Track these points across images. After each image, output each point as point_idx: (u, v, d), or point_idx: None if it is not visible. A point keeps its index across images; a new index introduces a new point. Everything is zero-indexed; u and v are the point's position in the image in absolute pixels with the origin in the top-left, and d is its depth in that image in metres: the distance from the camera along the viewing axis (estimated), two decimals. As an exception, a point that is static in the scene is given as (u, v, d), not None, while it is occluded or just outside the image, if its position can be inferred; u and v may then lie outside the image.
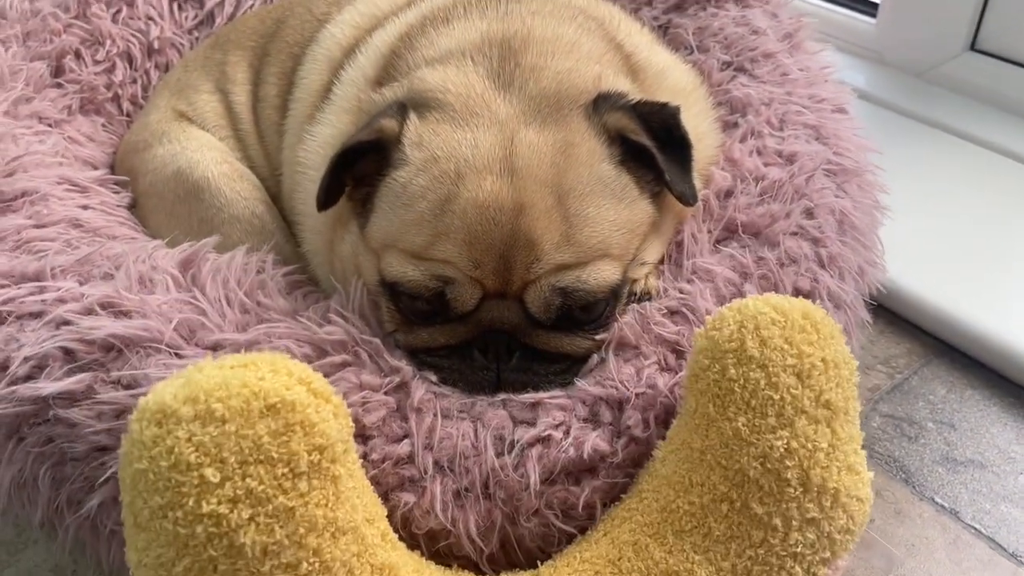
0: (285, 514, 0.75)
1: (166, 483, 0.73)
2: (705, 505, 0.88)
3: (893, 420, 1.41)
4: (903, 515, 1.27)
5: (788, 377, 0.86)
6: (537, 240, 0.94)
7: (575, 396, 0.99)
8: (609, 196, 0.98)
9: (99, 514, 0.96)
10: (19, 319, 1.00)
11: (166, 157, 1.30)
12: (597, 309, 1.00)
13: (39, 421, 0.96)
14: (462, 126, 0.98)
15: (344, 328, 1.00)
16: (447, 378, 1.00)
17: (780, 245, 1.10)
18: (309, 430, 0.76)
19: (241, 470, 0.74)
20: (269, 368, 0.77)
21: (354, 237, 1.06)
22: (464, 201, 0.93)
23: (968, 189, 1.80)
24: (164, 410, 0.74)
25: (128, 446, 0.75)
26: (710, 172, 1.19)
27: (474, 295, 0.96)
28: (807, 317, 0.88)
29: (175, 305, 1.01)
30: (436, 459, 0.94)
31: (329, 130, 1.14)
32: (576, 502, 0.95)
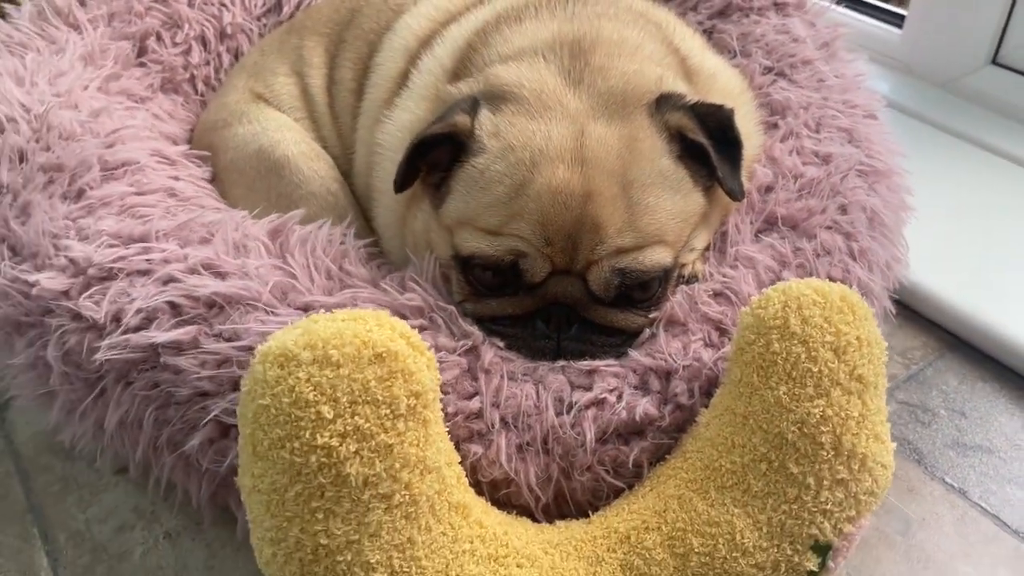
0: (385, 450, 0.86)
1: (286, 417, 0.84)
2: (746, 464, 0.98)
3: (908, 407, 1.52)
4: (915, 492, 1.37)
5: (826, 352, 0.96)
6: (602, 225, 1.04)
7: (627, 365, 1.09)
8: (667, 188, 1.09)
9: (197, 454, 1.07)
10: (129, 276, 1.10)
11: (247, 136, 1.40)
12: (651, 288, 1.10)
13: (147, 367, 1.07)
14: (536, 118, 1.08)
15: (421, 295, 1.11)
16: (512, 344, 1.10)
17: (816, 237, 1.20)
18: (408, 377, 0.87)
19: (351, 409, 0.85)
20: (376, 322, 0.88)
21: (427, 215, 1.16)
22: (539, 186, 1.04)
23: (985, 196, 1.90)
24: (286, 354, 0.85)
25: (251, 384, 0.86)
26: (753, 168, 1.29)
27: (544, 268, 1.06)
28: (845, 299, 0.99)
29: (269, 269, 1.11)
30: (502, 416, 1.05)
31: (408, 115, 1.24)
32: (626, 460, 1.06)
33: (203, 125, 1.53)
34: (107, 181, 1.22)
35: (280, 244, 1.17)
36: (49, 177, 1.21)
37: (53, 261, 1.12)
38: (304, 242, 1.17)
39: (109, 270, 1.10)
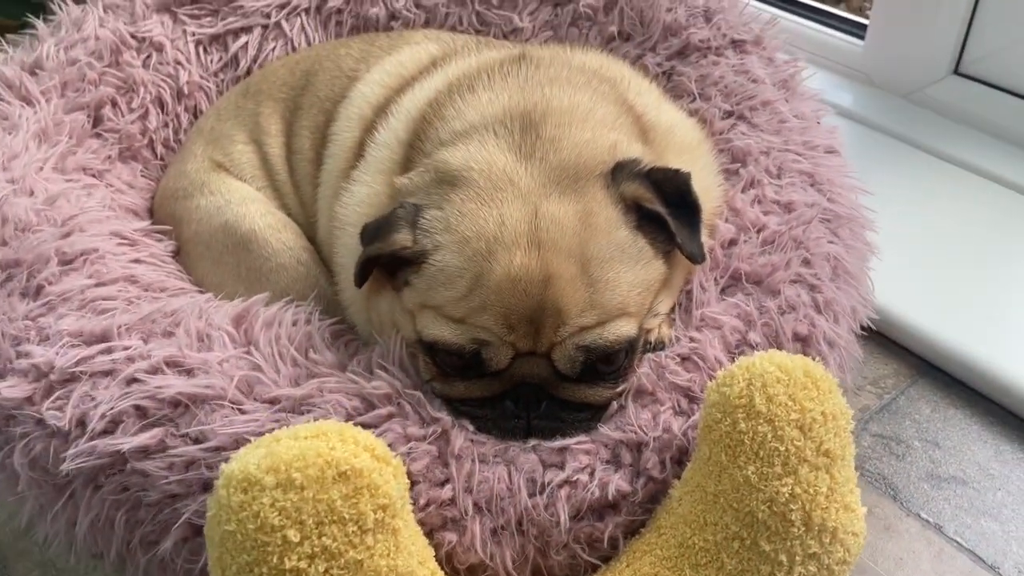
0: (355, 566, 0.86)
1: (252, 543, 0.84)
2: (718, 542, 0.99)
3: (882, 439, 1.53)
4: (892, 530, 1.39)
5: (792, 430, 0.97)
6: (563, 307, 1.04)
7: (598, 440, 1.09)
8: (626, 260, 1.09)
9: (171, 554, 1.06)
10: (92, 377, 1.10)
11: (211, 209, 1.39)
12: (616, 361, 1.10)
13: (115, 471, 1.06)
14: (487, 203, 1.07)
15: (389, 382, 1.11)
16: (482, 426, 1.10)
17: (780, 293, 1.21)
18: (374, 492, 0.87)
19: (317, 530, 0.85)
20: (338, 438, 0.88)
21: (390, 297, 1.16)
22: (497, 276, 1.04)
23: (950, 209, 1.91)
24: (249, 479, 0.85)
25: (216, 509, 0.86)
26: (715, 223, 1.29)
27: (507, 355, 1.06)
28: (808, 375, 0.99)
29: (233, 362, 1.11)
30: (475, 501, 1.05)
31: (365, 189, 1.24)
32: (601, 536, 1.07)
33: (163, 193, 1.51)
34: (66, 275, 1.21)
35: (245, 331, 1.17)
36: (7, 274, 1.20)
37: (14, 366, 1.11)
38: (269, 326, 1.16)
39: (72, 373, 1.09)
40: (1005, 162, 1.97)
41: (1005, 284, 1.72)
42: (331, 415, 1.06)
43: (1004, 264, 1.79)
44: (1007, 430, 1.54)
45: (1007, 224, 1.86)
